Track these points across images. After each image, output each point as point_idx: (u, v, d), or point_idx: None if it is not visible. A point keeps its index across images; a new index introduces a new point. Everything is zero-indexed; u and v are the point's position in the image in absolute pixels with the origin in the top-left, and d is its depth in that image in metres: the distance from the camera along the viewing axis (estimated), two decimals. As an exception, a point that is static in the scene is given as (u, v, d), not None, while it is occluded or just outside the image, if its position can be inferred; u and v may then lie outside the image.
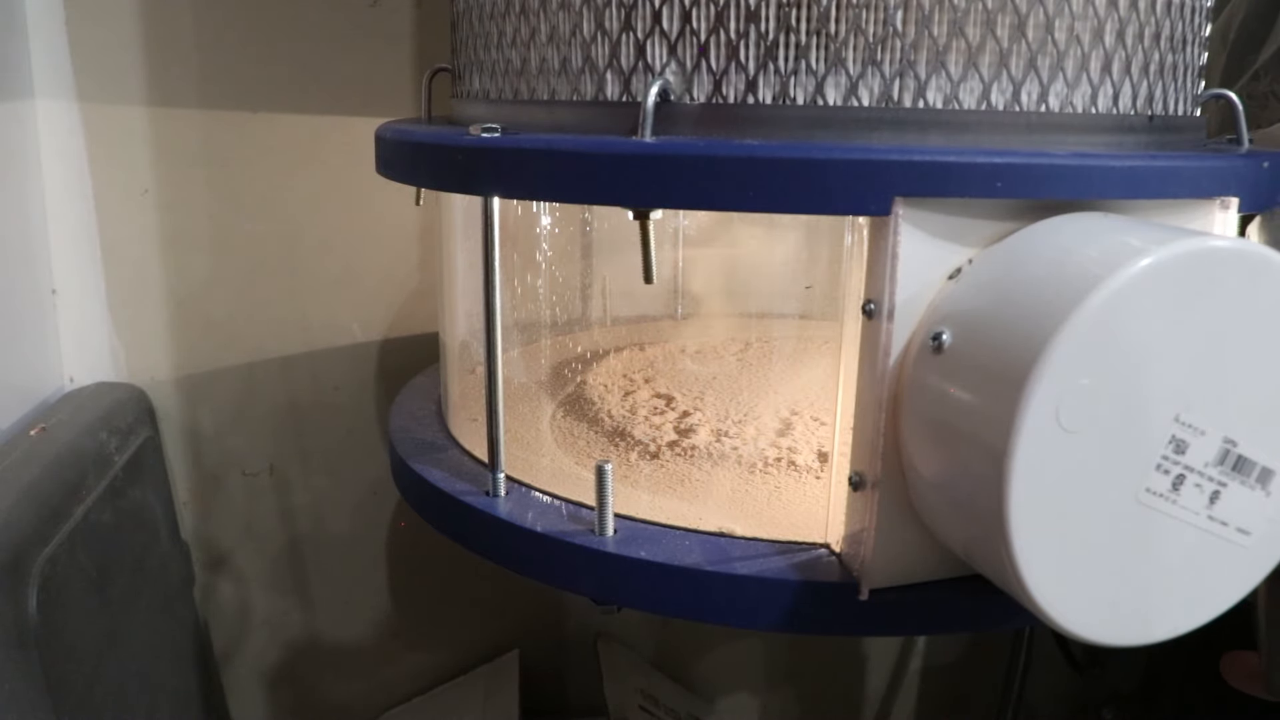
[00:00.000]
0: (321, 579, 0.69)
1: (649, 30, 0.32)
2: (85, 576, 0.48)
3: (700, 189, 0.29)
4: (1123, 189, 0.30)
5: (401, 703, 0.72)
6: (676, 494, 0.39)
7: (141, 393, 0.62)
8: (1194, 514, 0.27)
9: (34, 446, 0.50)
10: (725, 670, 0.77)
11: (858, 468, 0.32)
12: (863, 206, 0.29)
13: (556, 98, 0.35)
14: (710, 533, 0.36)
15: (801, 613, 0.32)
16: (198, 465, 0.65)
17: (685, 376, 0.48)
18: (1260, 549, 0.29)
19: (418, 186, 0.43)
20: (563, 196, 0.31)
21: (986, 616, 0.33)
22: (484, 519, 0.37)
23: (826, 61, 0.31)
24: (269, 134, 0.60)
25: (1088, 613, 0.27)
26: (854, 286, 0.32)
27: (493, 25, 0.38)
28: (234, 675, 0.70)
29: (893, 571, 0.32)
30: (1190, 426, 0.26)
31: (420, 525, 0.42)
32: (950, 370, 0.28)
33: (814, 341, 0.49)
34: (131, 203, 0.60)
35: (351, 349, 0.65)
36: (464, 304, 0.46)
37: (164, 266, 0.61)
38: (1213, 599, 0.29)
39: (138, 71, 0.58)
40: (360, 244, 0.63)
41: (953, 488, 0.28)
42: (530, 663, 0.73)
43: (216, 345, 0.63)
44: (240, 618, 0.69)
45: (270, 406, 0.65)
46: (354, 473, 0.67)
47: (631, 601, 0.34)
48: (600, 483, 0.35)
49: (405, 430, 0.47)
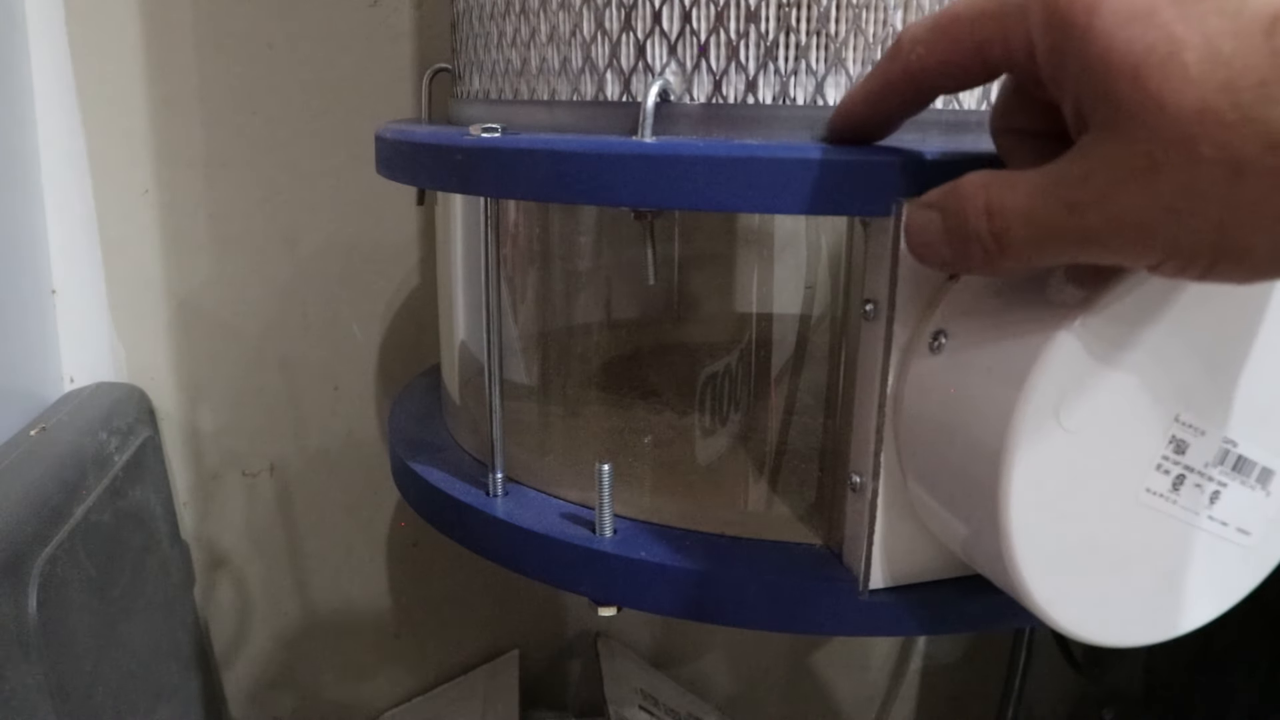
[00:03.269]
0: (321, 579, 0.69)
1: (649, 30, 0.32)
2: (85, 576, 0.48)
3: (700, 189, 0.29)
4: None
5: (401, 703, 0.72)
6: (677, 494, 0.39)
7: (141, 393, 0.62)
8: (1194, 514, 0.27)
9: (34, 446, 0.50)
10: (725, 670, 0.77)
11: (857, 468, 0.32)
12: (863, 206, 0.29)
13: (556, 98, 0.35)
14: (710, 533, 0.36)
15: (801, 613, 0.32)
16: (198, 465, 0.65)
17: (684, 371, 0.48)
18: (1260, 549, 0.29)
19: (418, 186, 0.43)
20: (563, 196, 0.30)
21: (986, 616, 0.33)
22: (484, 519, 0.37)
23: (826, 61, 0.31)
24: (269, 134, 0.60)
25: (1088, 613, 0.27)
26: (854, 286, 0.32)
27: (493, 25, 0.38)
28: (234, 675, 0.70)
29: (892, 571, 0.32)
30: (1190, 426, 0.26)
31: (420, 525, 0.42)
32: (950, 370, 0.28)
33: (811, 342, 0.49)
34: (131, 203, 0.60)
35: (351, 349, 0.65)
36: (464, 304, 0.46)
37: (164, 266, 0.61)
38: (1213, 599, 0.29)
39: (138, 72, 0.58)
40: (360, 244, 0.63)
41: (952, 488, 0.28)
42: (530, 663, 0.73)
43: (216, 345, 0.63)
44: (240, 618, 0.69)
45: (270, 406, 0.65)
46: (354, 473, 0.67)
47: (631, 601, 0.34)
48: (600, 483, 0.35)
49: (405, 430, 0.47)
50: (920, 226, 0.26)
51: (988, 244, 0.24)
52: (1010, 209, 0.23)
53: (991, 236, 0.23)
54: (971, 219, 0.24)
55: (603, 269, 0.49)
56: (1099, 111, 0.21)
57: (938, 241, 0.25)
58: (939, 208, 0.25)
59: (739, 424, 0.43)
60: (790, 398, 0.45)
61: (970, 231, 0.24)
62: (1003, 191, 0.23)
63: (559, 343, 0.50)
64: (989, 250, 0.24)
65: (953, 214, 0.25)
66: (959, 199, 0.24)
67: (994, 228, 0.23)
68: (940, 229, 0.25)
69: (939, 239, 0.25)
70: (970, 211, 0.24)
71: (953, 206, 0.25)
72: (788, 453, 0.41)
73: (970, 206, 0.24)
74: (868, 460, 0.31)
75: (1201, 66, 0.19)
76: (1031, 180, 0.22)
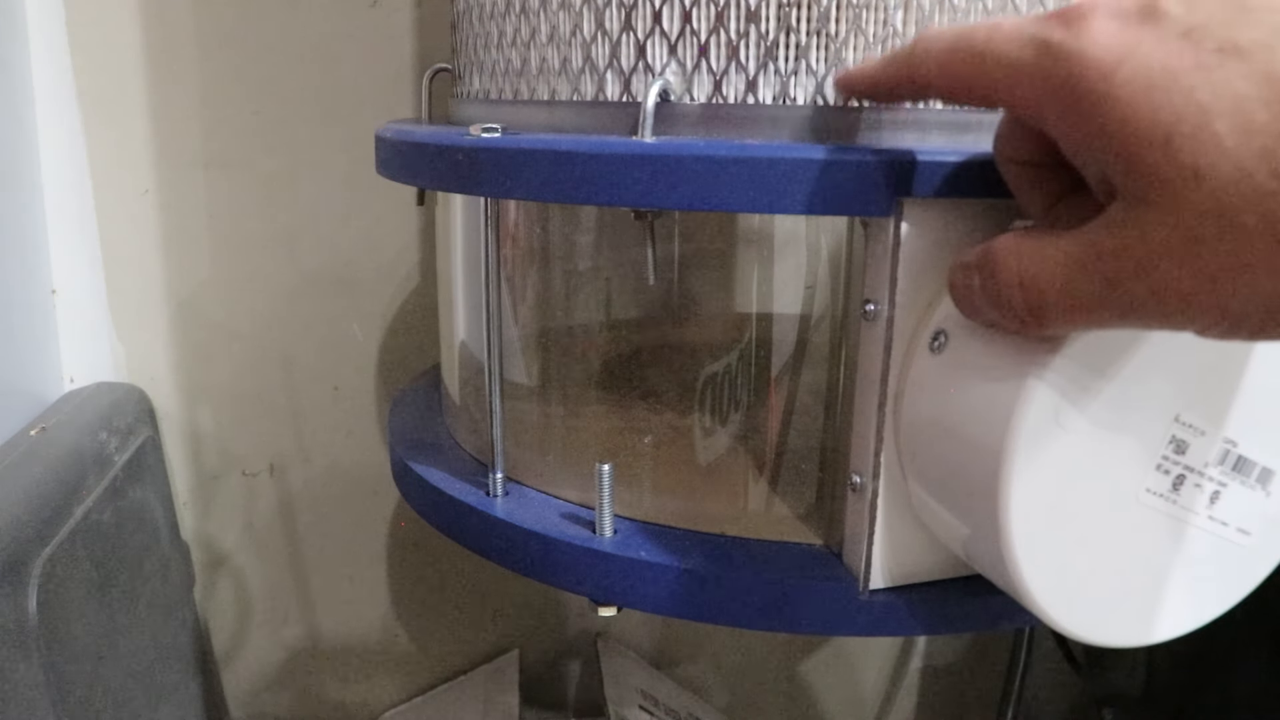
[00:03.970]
0: (321, 579, 0.69)
1: (649, 30, 0.32)
2: (85, 576, 0.48)
3: (700, 189, 0.29)
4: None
5: (402, 703, 0.72)
6: (677, 494, 0.39)
7: (141, 393, 0.62)
8: (1194, 514, 0.27)
9: (34, 446, 0.50)
10: (725, 670, 0.77)
11: (857, 468, 0.32)
12: (863, 206, 0.29)
13: (556, 98, 0.35)
14: (710, 533, 0.36)
15: (801, 613, 0.32)
16: (198, 465, 0.65)
17: (684, 371, 0.48)
18: (1260, 549, 0.29)
19: (418, 186, 0.43)
20: (563, 196, 0.30)
21: (986, 616, 0.33)
22: (484, 519, 0.37)
23: (826, 61, 0.31)
24: (269, 134, 0.60)
25: (1088, 613, 0.27)
26: (854, 286, 0.32)
27: (493, 25, 0.38)
28: (234, 675, 0.70)
29: (892, 571, 0.32)
30: (1190, 426, 0.26)
31: (420, 525, 0.42)
32: (950, 370, 0.28)
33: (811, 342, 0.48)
34: (131, 203, 0.60)
35: (351, 349, 0.65)
36: (464, 304, 0.46)
37: (164, 266, 0.61)
38: (1213, 599, 0.29)
39: (138, 72, 0.58)
40: (360, 244, 0.63)
41: (952, 488, 0.28)
42: (530, 663, 0.73)
43: (216, 345, 0.63)
44: (240, 618, 0.69)
45: (270, 406, 0.65)
46: (354, 473, 0.67)
47: (631, 601, 0.34)
48: (600, 483, 0.35)
49: (405, 430, 0.47)
50: (962, 286, 0.25)
51: (1023, 315, 0.23)
52: (1045, 282, 0.22)
53: (1026, 309, 0.23)
54: (1004, 289, 0.23)
55: (603, 269, 0.49)
56: (1129, 183, 0.20)
57: (980, 303, 0.25)
58: (976, 269, 0.25)
59: (739, 424, 0.43)
60: (790, 398, 0.45)
61: (1004, 301, 0.23)
62: (1035, 263, 0.22)
63: (559, 343, 0.50)
64: (1025, 320, 0.23)
65: (989, 279, 0.24)
66: (993, 265, 0.24)
67: (1029, 301, 0.23)
68: (980, 291, 0.25)
69: (981, 301, 0.25)
70: (1004, 281, 0.23)
71: (988, 272, 0.24)
72: (788, 453, 0.41)
73: (1003, 276, 0.23)
74: (868, 460, 0.31)
75: (1236, 136, 0.18)
76: (1065, 250, 0.22)
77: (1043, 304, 0.22)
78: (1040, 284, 0.22)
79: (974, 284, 0.25)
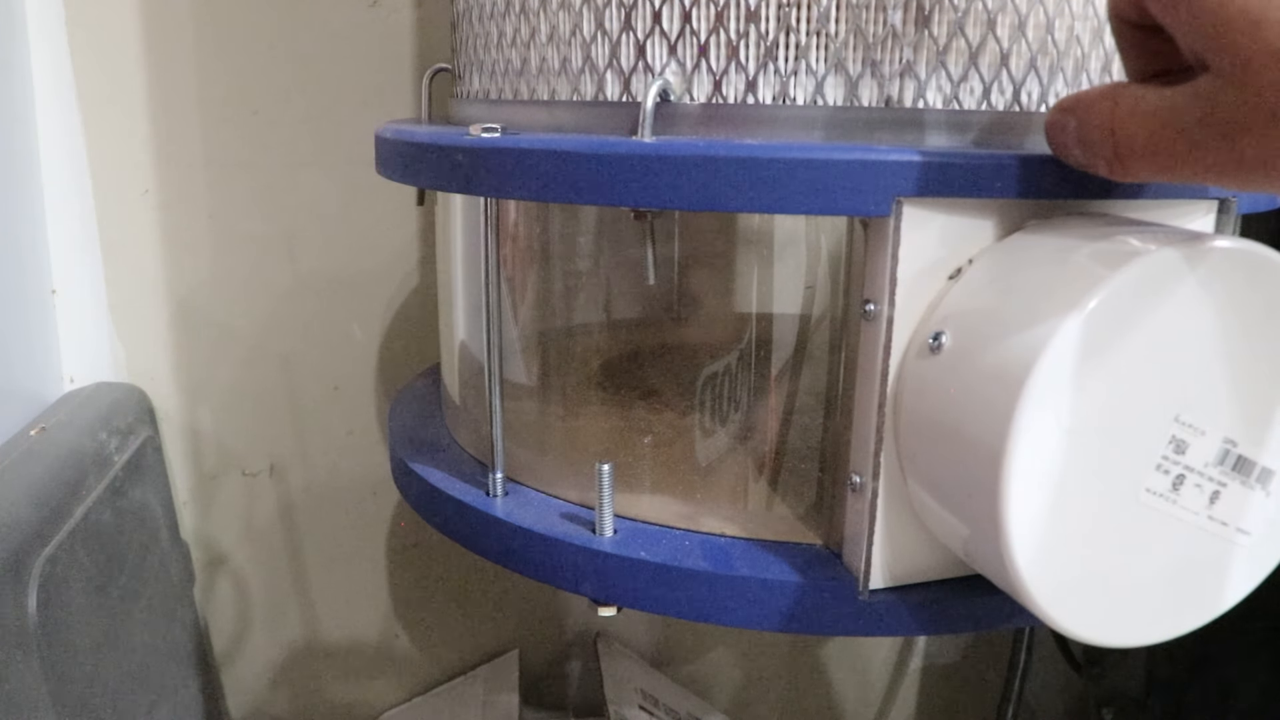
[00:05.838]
0: (321, 579, 0.69)
1: (649, 30, 0.32)
2: (85, 576, 0.48)
3: (700, 189, 0.29)
4: (1123, 189, 0.30)
5: (401, 703, 0.72)
6: (677, 494, 0.39)
7: (141, 393, 0.62)
8: (1194, 514, 0.27)
9: (34, 446, 0.50)
10: (725, 670, 0.77)
11: (857, 468, 0.32)
12: (863, 206, 0.29)
13: (556, 98, 0.35)
14: (710, 533, 0.36)
15: (801, 613, 0.32)
16: (198, 465, 0.65)
17: (683, 371, 0.48)
18: (1260, 549, 0.29)
19: (418, 186, 0.43)
20: (563, 196, 0.30)
21: (986, 616, 0.33)
22: (484, 519, 0.37)
23: (826, 61, 0.31)
24: (269, 134, 0.60)
25: (1088, 613, 0.27)
26: (854, 286, 0.32)
27: (493, 25, 0.38)
28: (234, 675, 0.70)
29: (892, 571, 0.32)
30: (1190, 426, 0.26)
31: (420, 525, 0.42)
32: (950, 370, 0.28)
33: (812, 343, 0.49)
34: (131, 203, 0.60)
35: (351, 349, 0.65)
36: (464, 304, 0.46)
37: (164, 266, 0.61)
38: (1213, 599, 0.29)
39: (138, 72, 0.58)
40: (360, 244, 0.63)
41: (952, 488, 0.28)
42: (530, 663, 0.73)
43: (216, 345, 0.63)
44: (240, 618, 0.69)
45: (270, 406, 0.65)
46: (354, 473, 0.67)
47: (631, 601, 0.34)
48: (600, 483, 0.35)
49: (405, 430, 0.47)
50: (1058, 127, 0.27)
51: (1110, 160, 0.25)
52: (1132, 134, 0.24)
53: (1115, 154, 0.25)
54: (1096, 134, 0.25)
55: (603, 269, 0.49)
56: (1218, 60, 0.22)
57: (1071, 144, 0.27)
58: (1072, 111, 0.26)
59: (739, 424, 0.43)
60: (790, 398, 0.45)
61: (1094, 145, 0.25)
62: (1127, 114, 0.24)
63: (559, 343, 0.50)
64: (1111, 165, 0.25)
65: (1083, 122, 0.26)
66: (1087, 110, 0.26)
67: (1117, 148, 0.25)
68: (1074, 133, 0.26)
69: (1073, 141, 0.26)
70: (1096, 126, 0.25)
71: (1081, 116, 0.26)
72: (788, 453, 0.41)
73: (1096, 121, 0.25)
74: (868, 460, 0.31)
75: None
76: (1154, 107, 0.24)
77: (1129, 153, 0.25)
78: (1128, 135, 0.24)
79: (1069, 125, 0.27)
